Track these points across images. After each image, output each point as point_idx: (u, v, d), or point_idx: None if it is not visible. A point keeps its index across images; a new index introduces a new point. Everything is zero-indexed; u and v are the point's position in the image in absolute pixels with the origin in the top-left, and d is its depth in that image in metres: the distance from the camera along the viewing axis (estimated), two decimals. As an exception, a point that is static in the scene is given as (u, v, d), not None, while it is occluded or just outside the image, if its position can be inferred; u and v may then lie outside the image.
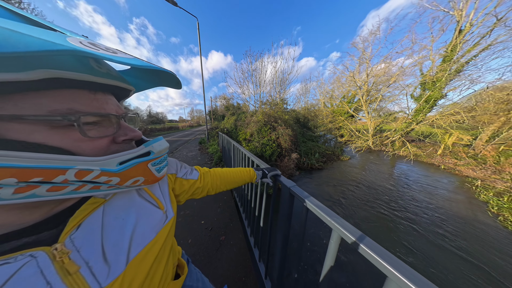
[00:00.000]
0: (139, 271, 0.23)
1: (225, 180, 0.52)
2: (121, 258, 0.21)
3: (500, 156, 5.08)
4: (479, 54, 6.40)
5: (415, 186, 3.96)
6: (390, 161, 6.12)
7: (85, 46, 0.14)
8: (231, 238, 1.37)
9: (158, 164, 0.25)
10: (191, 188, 0.41)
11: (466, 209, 3.02)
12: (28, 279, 0.16)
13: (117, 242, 0.22)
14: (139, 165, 0.22)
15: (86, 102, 0.19)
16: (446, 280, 1.64)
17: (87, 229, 0.20)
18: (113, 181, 0.20)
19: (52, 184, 0.16)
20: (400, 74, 7.84)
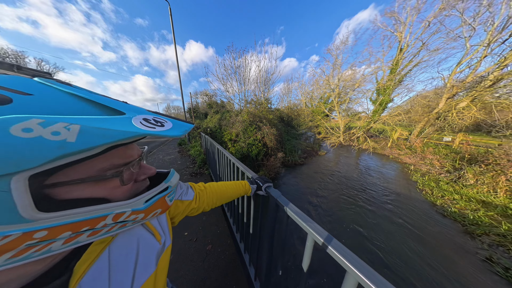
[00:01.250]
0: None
1: (221, 196, 0.52)
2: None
3: (424, 147, 6.92)
4: (412, 69, 8.38)
5: (373, 172, 4.96)
6: (356, 154, 7.33)
7: (146, 127, 0.17)
8: (219, 246, 1.33)
9: (172, 195, 0.27)
10: (186, 209, 0.40)
11: (404, 187, 4.03)
12: None
13: (122, 281, 0.22)
14: (160, 199, 0.24)
15: (122, 154, 0.21)
16: (385, 234, 2.19)
17: (95, 274, 0.20)
18: (139, 217, 0.22)
19: (94, 230, 0.18)
20: (362, 81, 9.37)
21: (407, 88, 8.47)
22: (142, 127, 0.17)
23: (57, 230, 0.16)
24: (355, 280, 0.29)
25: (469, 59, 7.00)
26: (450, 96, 6.98)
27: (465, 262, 2.02)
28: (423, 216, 2.88)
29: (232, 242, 1.34)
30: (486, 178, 3.81)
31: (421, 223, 2.68)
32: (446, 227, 2.64)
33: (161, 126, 0.19)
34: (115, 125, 0.16)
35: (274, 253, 0.68)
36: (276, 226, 0.64)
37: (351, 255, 0.32)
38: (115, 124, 0.16)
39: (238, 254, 1.19)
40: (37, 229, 0.14)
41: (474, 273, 1.87)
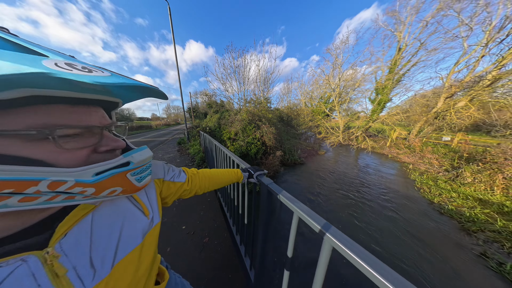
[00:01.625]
0: (124, 275, 0.24)
1: (213, 181, 0.55)
2: (106, 262, 0.22)
3: (423, 146, 6.96)
4: (410, 68, 8.42)
5: (371, 171, 5.01)
6: (355, 153, 7.37)
7: (60, 68, 0.14)
8: (215, 239, 1.36)
9: (139, 174, 0.24)
10: (179, 191, 0.42)
11: (402, 185, 4.07)
12: (20, 281, 0.17)
13: (104, 247, 0.22)
14: (117, 175, 0.22)
15: (65, 115, 0.19)
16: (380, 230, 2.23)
17: (76, 235, 0.21)
18: (88, 191, 0.20)
19: (24, 195, 0.16)
20: (362, 80, 9.41)
21: (406, 87, 8.52)
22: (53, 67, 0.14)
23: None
24: (330, 245, 0.34)
25: (466, 59, 7.06)
26: (448, 95, 7.02)
27: (460, 256, 2.06)
28: (420, 212, 2.92)
29: (229, 235, 1.38)
30: (484, 177, 3.85)
31: (417, 219, 2.72)
32: (443, 224, 2.68)
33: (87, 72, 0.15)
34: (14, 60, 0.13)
35: (268, 241, 0.72)
36: (269, 214, 0.68)
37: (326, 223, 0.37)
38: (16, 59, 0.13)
39: (234, 246, 1.23)
40: None
41: (468, 268, 1.91)
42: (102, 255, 0.22)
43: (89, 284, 0.21)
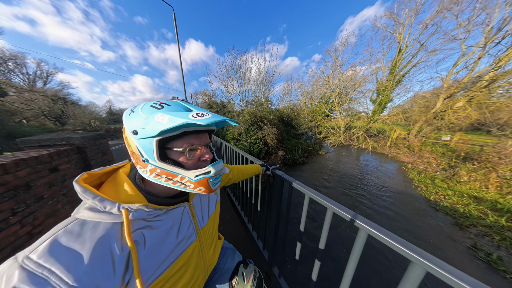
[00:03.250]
0: (211, 224, 0.46)
1: (243, 173, 0.75)
2: (206, 216, 0.44)
3: (422, 146, 7.12)
4: (411, 69, 8.56)
5: (372, 170, 5.17)
6: (356, 153, 7.53)
7: (193, 117, 0.26)
8: (230, 227, 1.56)
9: (214, 180, 0.34)
10: (226, 179, 0.63)
11: (400, 184, 4.24)
12: (186, 217, 0.38)
13: (204, 208, 0.44)
14: (203, 179, 0.32)
15: (195, 140, 0.32)
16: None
17: (196, 199, 0.42)
18: (191, 186, 0.32)
19: (173, 180, 0.31)
20: (362, 81, 9.54)
21: (406, 88, 8.67)
22: (191, 118, 0.25)
23: (162, 171, 0.29)
24: (331, 212, 0.52)
25: (464, 60, 7.18)
26: (447, 96, 7.16)
27: (452, 248, 2.25)
28: (417, 209, 3.10)
29: (241, 224, 1.56)
30: (479, 175, 4.02)
31: (413, 215, 2.90)
32: (437, 219, 2.86)
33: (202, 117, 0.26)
34: (180, 116, 0.26)
35: (280, 222, 0.90)
36: (281, 199, 0.85)
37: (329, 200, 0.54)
38: (180, 116, 0.26)
39: (246, 233, 1.41)
40: (156, 166, 0.29)
41: (458, 258, 2.10)
42: (204, 212, 0.44)
43: (202, 225, 0.42)
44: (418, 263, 0.32)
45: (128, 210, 0.27)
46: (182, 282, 0.35)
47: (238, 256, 0.60)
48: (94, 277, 0.22)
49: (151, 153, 0.29)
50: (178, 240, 0.34)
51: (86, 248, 0.22)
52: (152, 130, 0.27)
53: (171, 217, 0.34)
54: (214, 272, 0.54)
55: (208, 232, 0.44)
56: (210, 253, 0.46)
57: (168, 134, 0.28)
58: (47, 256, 0.20)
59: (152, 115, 0.28)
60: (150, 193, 0.33)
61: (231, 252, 0.61)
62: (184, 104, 0.34)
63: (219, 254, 0.55)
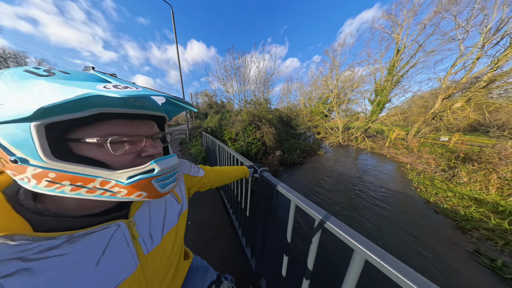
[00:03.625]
0: (168, 245, 0.34)
1: (225, 176, 0.63)
2: (158, 234, 0.31)
3: (420, 146, 7.06)
4: (409, 70, 8.54)
5: (370, 171, 5.08)
6: (354, 154, 7.44)
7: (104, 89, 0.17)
8: (219, 233, 1.45)
9: (163, 180, 0.26)
10: (198, 183, 0.51)
11: (399, 184, 4.14)
12: (119, 238, 0.26)
13: (157, 223, 0.32)
14: (143, 180, 0.23)
15: (125, 127, 0.23)
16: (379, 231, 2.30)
17: (142, 213, 0.30)
18: (122, 192, 0.22)
19: (88, 188, 0.21)
20: (360, 81, 9.53)
21: (404, 89, 8.64)
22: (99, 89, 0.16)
23: (61, 176, 0.19)
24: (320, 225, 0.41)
25: (463, 60, 7.17)
26: (445, 96, 7.13)
27: (454, 253, 2.13)
28: (416, 211, 3.00)
29: (232, 230, 1.45)
30: (479, 176, 3.93)
31: (413, 217, 2.79)
32: (438, 222, 2.75)
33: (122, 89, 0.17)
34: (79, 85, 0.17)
35: (267, 230, 0.79)
36: (268, 204, 0.75)
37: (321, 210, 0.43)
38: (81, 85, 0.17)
39: (236, 239, 1.30)
40: (47, 169, 0.18)
41: (462, 264, 1.98)
42: (156, 228, 0.31)
43: (149, 248, 0.30)
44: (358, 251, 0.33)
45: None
46: None
47: (211, 274, 0.51)
48: None
49: (29, 147, 0.18)
50: (102, 273, 0.23)
51: None
52: (24, 108, 0.16)
53: (85, 246, 0.22)
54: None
55: (160, 256, 0.32)
56: (166, 283, 0.35)
57: (64, 117, 0.18)
58: None
59: (25, 83, 0.18)
60: (46, 212, 0.22)
61: (203, 271, 0.50)
62: (100, 75, 0.23)
63: (183, 279, 0.43)
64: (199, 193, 2.38)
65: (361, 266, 0.33)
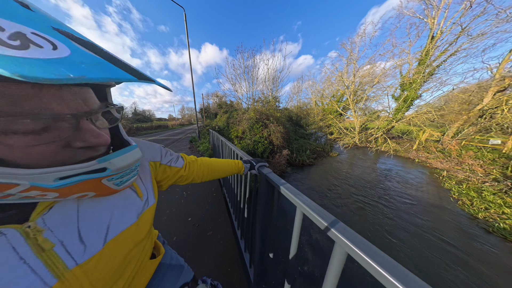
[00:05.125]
0: (118, 251, 0.24)
1: (212, 170, 0.52)
2: (98, 239, 0.22)
3: (462, 150, 5.85)
4: (447, 59, 7.19)
5: (393, 176, 4.39)
6: (373, 156, 6.63)
7: None
8: (219, 233, 1.37)
9: (119, 179, 0.21)
10: (175, 176, 0.41)
11: (433, 194, 3.44)
12: (7, 252, 0.16)
13: (94, 224, 0.22)
14: (88, 181, 0.18)
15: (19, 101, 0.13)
16: (411, 254, 1.87)
17: (60, 211, 0.20)
18: (49, 195, 0.17)
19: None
20: (382, 76, 8.46)
21: (441, 81, 7.31)
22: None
23: None
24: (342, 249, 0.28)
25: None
26: (499, 89, 5.75)
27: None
28: (459, 229, 2.41)
29: (231, 230, 1.36)
30: (554, 191, 3.00)
31: (456, 237, 2.24)
32: (491, 245, 2.15)
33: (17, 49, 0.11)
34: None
35: (266, 236, 0.65)
36: (268, 206, 0.60)
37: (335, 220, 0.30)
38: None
39: (235, 240, 1.22)
40: None
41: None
42: (93, 231, 0.21)
43: (79, 259, 0.20)
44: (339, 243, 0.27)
45: None
46: None
47: (186, 274, 0.42)
48: None
49: None
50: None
51: None
52: None
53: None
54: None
55: (103, 265, 0.22)
56: None
57: None
58: None
59: None
60: None
61: (176, 270, 0.42)
62: None
63: (148, 279, 0.35)
64: (202, 189, 2.33)
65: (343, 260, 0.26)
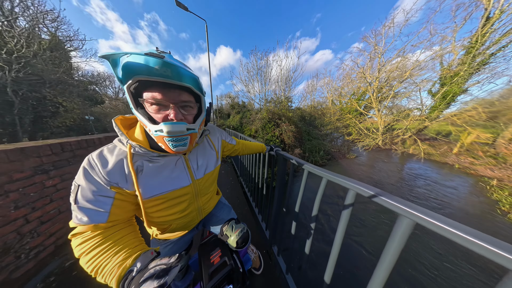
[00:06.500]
0: (207, 180, 0.51)
1: (249, 147, 0.83)
2: (202, 171, 0.49)
3: (525, 156, 4.72)
4: (508, 45, 5.81)
5: (424, 183, 3.93)
6: (399, 160, 5.98)
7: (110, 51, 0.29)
8: (238, 210, 1.66)
9: (171, 141, 0.34)
10: (231, 149, 0.70)
11: (478, 207, 2.98)
12: (180, 163, 0.44)
13: (202, 164, 0.49)
14: (159, 136, 0.34)
15: (157, 94, 0.32)
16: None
17: (192, 154, 0.47)
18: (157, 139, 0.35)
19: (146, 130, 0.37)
20: (416, 69, 7.41)
21: (496, 72, 5.98)
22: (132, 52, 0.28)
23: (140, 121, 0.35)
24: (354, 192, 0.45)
25: None
26: None
27: None
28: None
29: (249, 209, 1.68)
30: None
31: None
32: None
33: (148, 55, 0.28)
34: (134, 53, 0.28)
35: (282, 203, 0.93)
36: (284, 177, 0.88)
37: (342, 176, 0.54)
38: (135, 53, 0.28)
39: (253, 216, 1.50)
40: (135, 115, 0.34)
41: None
42: (201, 167, 0.49)
43: (197, 176, 0.48)
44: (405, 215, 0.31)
45: (131, 146, 0.36)
46: (176, 209, 0.46)
47: (233, 214, 0.69)
48: (115, 177, 0.35)
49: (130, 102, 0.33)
50: (172, 177, 0.42)
51: (112, 159, 0.35)
52: None
53: (166, 160, 0.41)
54: (210, 216, 0.64)
55: (203, 184, 0.50)
56: (204, 199, 0.53)
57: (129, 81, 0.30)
58: (96, 156, 0.35)
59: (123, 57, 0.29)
60: (152, 141, 0.39)
61: (228, 208, 0.70)
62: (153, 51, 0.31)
63: (215, 204, 0.64)
64: (223, 178, 2.83)
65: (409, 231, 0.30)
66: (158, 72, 0.29)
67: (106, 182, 0.34)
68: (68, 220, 1.15)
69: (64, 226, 1.12)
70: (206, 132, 0.52)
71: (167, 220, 0.47)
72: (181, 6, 5.59)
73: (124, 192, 0.36)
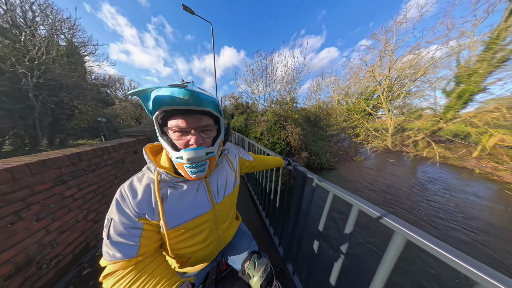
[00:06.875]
0: (227, 203, 0.48)
1: (266, 163, 0.79)
2: (222, 194, 0.46)
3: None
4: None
5: (439, 189, 3.67)
6: (411, 163, 5.69)
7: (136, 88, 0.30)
8: (247, 218, 1.65)
9: (190, 168, 0.34)
10: (249, 166, 0.67)
11: (503, 218, 2.72)
12: (202, 187, 0.42)
13: (221, 186, 0.46)
14: (179, 163, 0.34)
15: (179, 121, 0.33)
16: None
17: (212, 177, 0.45)
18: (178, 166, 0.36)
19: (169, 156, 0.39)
20: (430, 66, 7.00)
21: (522, 69, 5.49)
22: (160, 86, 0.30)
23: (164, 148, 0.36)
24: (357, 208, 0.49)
25: None
26: None
27: None
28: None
29: (258, 218, 1.62)
30: None
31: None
32: None
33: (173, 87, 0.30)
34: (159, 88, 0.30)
35: (299, 221, 0.88)
36: (302, 195, 0.83)
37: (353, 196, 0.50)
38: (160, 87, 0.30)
39: (263, 227, 1.45)
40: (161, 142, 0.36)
41: None
42: (220, 190, 0.46)
43: (217, 200, 0.45)
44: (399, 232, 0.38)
45: (159, 173, 0.37)
46: (197, 239, 0.43)
47: (254, 245, 0.61)
48: (143, 208, 0.34)
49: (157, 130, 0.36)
50: (194, 204, 0.40)
51: (141, 188, 0.35)
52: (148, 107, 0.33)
53: (189, 185, 0.40)
54: (229, 247, 0.59)
55: (223, 208, 0.47)
56: (224, 226, 0.50)
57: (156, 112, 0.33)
58: (127, 187, 0.35)
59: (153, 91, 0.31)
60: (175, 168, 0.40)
61: (248, 238, 0.63)
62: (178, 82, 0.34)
63: (235, 232, 0.58)
64: None
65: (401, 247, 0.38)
66: (181, 101, 0.31)
67: (136, 214, 0.34)
68: (84, 229, 1.17)
69: (81, 235, 1.14)
70: (225, 152, 0.51)
71: (187, 253, 0.44)
72: (188, 10, 5.65)
73: (150, 222, 0.36)
